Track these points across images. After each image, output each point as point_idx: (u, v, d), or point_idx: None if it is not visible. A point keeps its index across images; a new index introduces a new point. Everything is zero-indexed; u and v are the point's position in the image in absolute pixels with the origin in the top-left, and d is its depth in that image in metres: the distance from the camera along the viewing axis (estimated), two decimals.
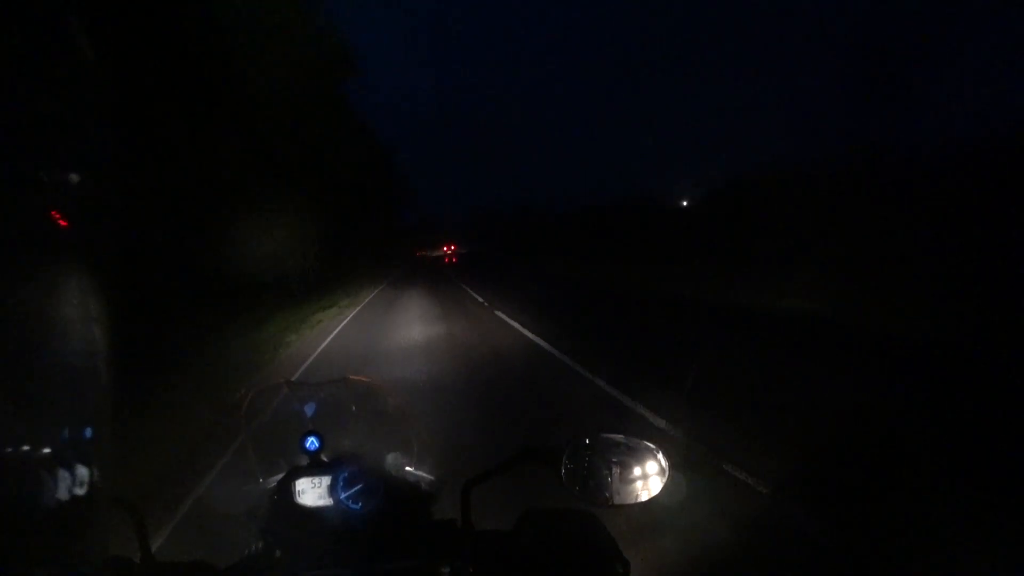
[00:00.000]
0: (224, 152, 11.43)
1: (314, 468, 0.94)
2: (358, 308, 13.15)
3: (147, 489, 3.19)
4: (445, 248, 72.00)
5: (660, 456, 0.83)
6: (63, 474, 0.45)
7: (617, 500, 0.82)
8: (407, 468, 1.04)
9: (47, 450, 0.43)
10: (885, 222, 10.99)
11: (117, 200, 0.41)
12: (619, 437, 0.85)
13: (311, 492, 0.92)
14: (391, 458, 1.04)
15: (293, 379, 1.04)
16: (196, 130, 10.29)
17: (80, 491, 0.47)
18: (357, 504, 0.90)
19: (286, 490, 0.91)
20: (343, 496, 0.90)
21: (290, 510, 0.90)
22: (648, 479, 0.82)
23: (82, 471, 0.47)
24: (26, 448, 0.42)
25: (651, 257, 18.20)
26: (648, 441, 0.83)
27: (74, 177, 0.37)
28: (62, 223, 0.36)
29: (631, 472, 0.82)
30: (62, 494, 0.44)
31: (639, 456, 0.83)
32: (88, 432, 0.45)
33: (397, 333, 8.63)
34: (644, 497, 0.82)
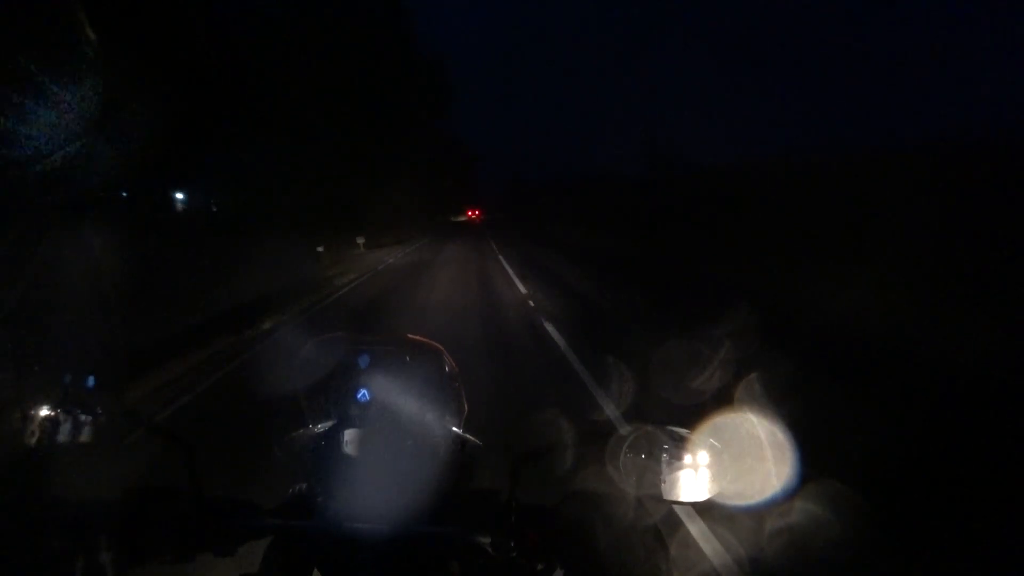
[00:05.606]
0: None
1: (363, 420, 0.93)
2: None
3: None
4: (470, 213, 66.98)
5: (725, 457, 0.76)
6: (66, 422, 0.46)
7: (671, 496, 0.77)
8: (454, 429, 1.02)
9: (53, 403, 0.42)
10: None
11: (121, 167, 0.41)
12: (683, 431, 0.79)
13: (358, 444, 0.92)
14: (441, 418, 1.01)
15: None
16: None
17: (85, 438, 0.49)
18: (403, 460, 0.89)
19: (333, 439, 0.92)
20: (390, 451, 0.89)
21: (335, 459, 0.91)
22: (708, 479, 0.76)
23: (86, 419, 0.49)
24: (33, 400, 0.42)
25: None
26: (715, 440, 0.76)
27: (72, 151, 0.37)
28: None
29: (691, 470, 0.77)
30: (63, 438, 0.46)
31: (702, 454, 0.77)
32: (91, 381, 0.44)
33: None
34: (699, 497, 0.77)
